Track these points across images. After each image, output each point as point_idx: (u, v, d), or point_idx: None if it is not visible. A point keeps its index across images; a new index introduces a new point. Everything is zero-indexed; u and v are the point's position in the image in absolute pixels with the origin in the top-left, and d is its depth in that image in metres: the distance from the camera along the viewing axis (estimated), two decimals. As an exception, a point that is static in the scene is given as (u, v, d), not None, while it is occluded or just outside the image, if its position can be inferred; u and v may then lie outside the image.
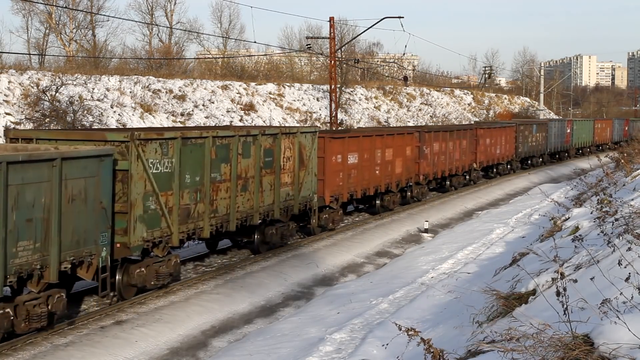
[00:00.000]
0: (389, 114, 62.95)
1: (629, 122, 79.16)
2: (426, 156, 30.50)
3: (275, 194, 19.07)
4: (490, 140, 39.63)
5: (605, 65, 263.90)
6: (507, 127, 43.42)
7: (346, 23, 78.38)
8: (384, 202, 27.59)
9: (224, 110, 44.70)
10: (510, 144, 43.74)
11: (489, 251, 19.24)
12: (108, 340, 12.91)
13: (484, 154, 38.63)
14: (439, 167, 32.23)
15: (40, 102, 32.44)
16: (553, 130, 53.49)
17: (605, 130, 69.24)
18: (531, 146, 48.43)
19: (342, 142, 23.68)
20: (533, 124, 49.57)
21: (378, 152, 26.09)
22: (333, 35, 38.88)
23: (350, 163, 24.17)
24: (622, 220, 9.46)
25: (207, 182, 16.07)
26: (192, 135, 15.76)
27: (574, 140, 59.47)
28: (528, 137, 47.40)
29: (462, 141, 35.30)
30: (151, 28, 69.77)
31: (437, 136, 31.99)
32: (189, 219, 15.57)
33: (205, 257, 19.53)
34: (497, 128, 41.28)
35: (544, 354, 5.48)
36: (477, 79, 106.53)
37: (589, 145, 63.89)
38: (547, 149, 52.53)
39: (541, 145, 50.80)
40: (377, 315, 13.76)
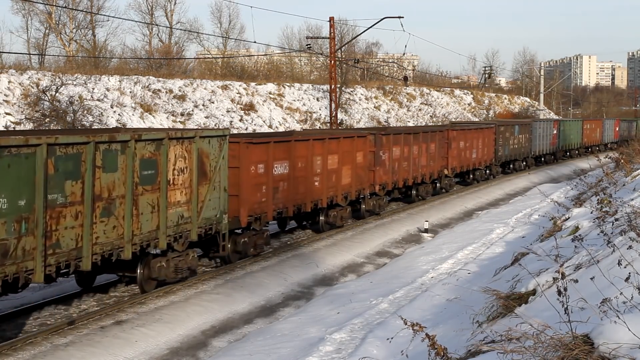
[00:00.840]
0: (389, 114, 62.96)
1: (620, 122, 75.55)
2: (384, 163, 26.60)
3: (161, 218, 14.84)
4: (465, 144, 35.46)
5: (605, 65, 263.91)
6: (485, 128, 39.19)
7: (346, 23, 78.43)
8: (330, 217, 23.29)
9: (224, 110, 44.71)
10: (488, 147, 39.48)
11: (489, 251, 19.24)
12: (108, 340, 12.91)
13: (457, 159, 34.45)
14: (400, 174, 28.17)
15: (40, 102, 32.45)
16: (538, 131, 49.37)
17: (595, 131, 65.39)
18: (513, 149, 44.34)
19: (265, 148, 19.15)
20: (515, 124, 45.23)
21: (318, 160, 21.68)
22: (333, 35, 38.88)
23: (278, 174, 19.71)
24: (622, 220, 9.47)
25: (39, 207, 11.76)
26: (12, 143, 11.46)
27: (561, 142, 55.63)
28: (509, 139, 43.32)
29: (430, 145, 31.08)
30: (151, 28, 69.80)
31: (398, 139, 27.92)
32: (6, 259, 11.31)
33: (205, 257, 19.53)
34: (473, 130, 37.10)
35: (544, 354, 5.48)
36: (477, 79, 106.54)
37: (578, 147, 60.50)
38: (532, 152, 48.42)
39: (525, 147, 46.75)
40: (377, 315, 13.76)
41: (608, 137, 69.03)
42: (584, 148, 62.17)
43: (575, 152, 60.15)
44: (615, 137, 70.86)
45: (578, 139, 59.79)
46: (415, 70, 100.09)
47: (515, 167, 45.89)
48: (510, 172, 44.96)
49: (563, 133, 55.52)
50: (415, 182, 30.06)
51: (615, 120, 73.95)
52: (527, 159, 47.99)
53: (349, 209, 24.35)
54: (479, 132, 37.88)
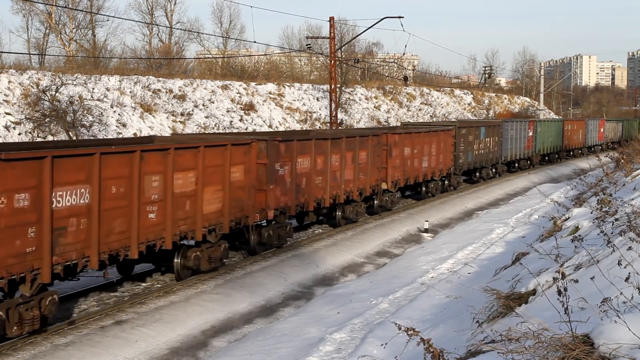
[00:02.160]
0: (389, 113, 62.97)
1: (605, 122, 70.07)
2: (281, 179, 19.74)
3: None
4: (412, 150, 28.91)
5: (605, 65, 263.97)
6: (439, 131, 32.24)
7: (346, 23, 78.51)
8: (188, 262, 16.84)
9: (224, 110, 44.71)
10: (446, 154, 32.87)
11: (489, 251, 19.24)
12: (108, 340, 12.91)
13: (400, 169, 27.81)
14: (311, 193, 21.39)
15: (40, 102, 32.44)
16: (509, 133, 43.16)
17: (577, 133, 59.83)
18: (478, 155, 37.85)
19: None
20: (481, 126, 38.74)
21: (154, 181, 14.73)
22: (333, 35, 38.88)
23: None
24: (622, 220, 9.47)
25: None
26: None
27: (538, 146, 49.49)
28: (473, 143, 36.98)
29: (359, 153, 24.28)
30: (151, 28, 69.80)
31: (306, 147, 20.85)
32: None
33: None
34: (423, 133, 30.33)
35: (544, 354, 5.48)
36: (477, 78, 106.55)
37: (557, 151, 54.78)
38: (502, 157, 42.30)
39: (494, 153, 40.42)
40: (377, 315, 13.76)
41: (592, 139, 64.41)
42: (565, 151, 56.93)
43: (554, 157, 54.81)
44: (600, 139, 66.75)
45: (558, 141, 54.32)
46: (415, 70, 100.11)
47: (482, 175, 39.69)
48: (477, 180, 39.37)
49: (540, 135, 49.77)
50: (338, 201, 23.34)
51: (600, 121, 68.88)
52: (497, 166, 41.76)
53: (223, 248, 17.92)
54: (430, 135, 30.95)
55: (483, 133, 38.53)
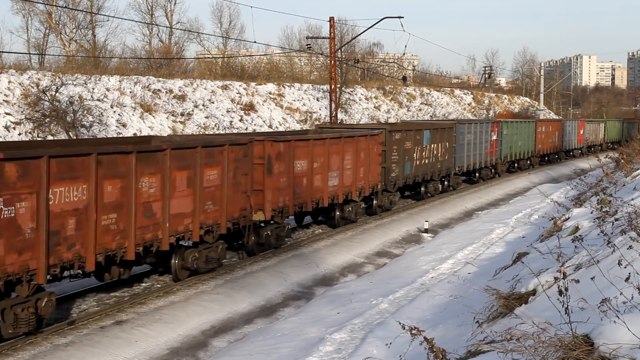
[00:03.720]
0: (389, 114, 62.99)
1: (585, 124, 63.03)
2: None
3: None
4: (311, 164, 21.03)
5: (605, 65, 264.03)
6: (359, 137, 24.39)
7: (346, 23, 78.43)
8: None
9: (224, 110, 44.71)
10: (368, 167, 24.93)
11: (489, 251, 19.24)
12: (108, 340, 12.91)
13: (287, 191, 19.87)
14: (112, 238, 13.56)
15: (40, 102, 32.46)
16: (466, 137, 35.58)
17: (552, 135, 52.92)
18: (422, 165, 30.29)
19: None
20: (423, 129, 30.80)
21: None
22: (333, 35, 38.89)
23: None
24: (622, 220, 9.47)
25: None
26: None
27: (504, 151, 42.28)
28: (413, 151, 29.19)
29: (207, 172, 16.38)
30: (151, 28, 69.81)
31: (114, 163, 13.41)
32: None
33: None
34: (329, 140, 22.21)
35: (544, 354, 5.48)
36: (477, 79, 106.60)
37: (529, 156, 47.96)
38: (457, 167, 34.77)
39: (443, 162, 32.78)
40: (377, 315, 13.76)
41: (570, 142, 57.77)
42: (538, 157, 50.08)
43: (525, 163, 47.83)
44: (579, 142, 60.52)
45: (529, 145, 47.38)
46: (415, 70, 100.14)
47: (428, 189, 31.82)
48: (422, 196, 31.62)
49: (507, 138, 42.50)
50: (157, 248, 14.97)
51: (580, 122, 61.83)
52: (449, 177, 34.35)
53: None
54: (343, 143, 22.94)
55: (427, 138, 30.60)
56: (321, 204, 22.03)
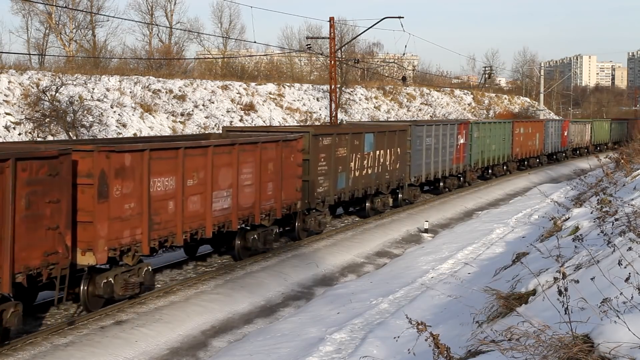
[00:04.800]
0: (389, 114, 62.99)
1: (570, 124, 58.32)
2: None
3: None
4: (183, 182, 15.55)
5: (605, 65, 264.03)
6: (265, 143, 18.80)
7: (346, 23, 78.53)
8: None
9: (224, 111, 44.72)
10: (282, 181, 19.53)
11: (489, 251, 19.24)
12: (108, 340, 12.91)
13: (140, 221, 14.42)
14: None
15: (40, 102, 32.45)
16: (425, 142, 30.34)
17: (533, 138, 48.05)
18: (363, 177, 24.82)
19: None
20: (364, 132, 25.08)
21: None
22: (333, 35, 38.88)
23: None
24: (622, 220, 9.47)
25: None
26: None
27: (474, 157, 37.01)
28: (349, 159, 23.60)
29: None
30: (151, 28, 69.80)
31: None
32: None
33: (206, 257, 19.53)
34: (212, 148, 16.58)
35: (544, 353, 5.48)
36: (477, 79, 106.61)
37: (505, 162, 42.78)
38: (412, 177, 29.23)
39: (394, 171, 27.36)
40: (377, 315, 13.76)
41: (552, 144, 52.87)
42: (515, 161, 45.18)
43: (501, 169, 42.54)
44: (563, 144, 55.97)
45: (505, 149, 42.26)
46: (416, 70, 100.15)
47: (374, 205, 26.50)
48: (368, 213, 26.47)
49: (478, 142, 37.44)
50: None
51: (564, 122, 57.23)
52: (402, 191, 29.00)
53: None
54: (236, 153, 17.35)
55: (370, 143, 25.16)
56: (202, 234, 16.30)
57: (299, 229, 21.69)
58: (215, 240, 18.58)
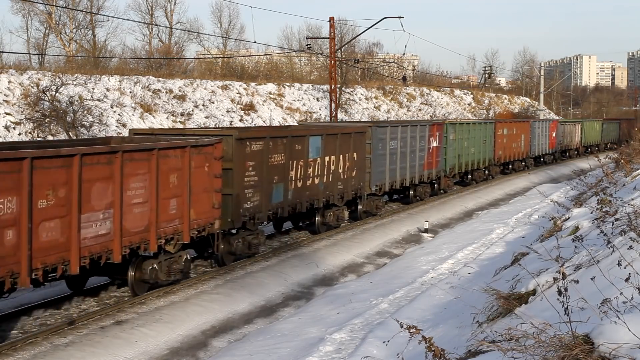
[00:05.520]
0: (389, 114, 62.99)
1: (558, 125, 55.18)
2: None
3: None
4: (26, 202, 11.57)
5: (605, 65, 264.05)
6: (165, 150, 15.11)
7: (346, 23, 78.49)
8: None
9: (224, 111, 44.72)
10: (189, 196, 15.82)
11: (489, 251, 19.24)
12: (108, 340, 12.91)
13: None
14: None
15: (40, 102, 32.45)
16: (389, 146, 26.75)
17: (518, 139, 44.79)
18: (305, 188, 21.12)
19: None
20: (309, 135, 21.46)
21: None
22: (333, 35, 38.89)
23: None
24: (622, 220, 9.47)
25: None
26: None
27: (450, 161, 33.50)
28: (288, 167, 20.02)
29: None
30: (151, 28, 69.81)
31: None
32: None
33: (206, 257, 19.52)
34: (94, 157, 13.18)
35: (544, 353, 5.48)
36: (477, 79, 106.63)
37: (487, 166, 39.30)
38: (374, 186, 25.66)
39: (349, 180, 23.67)
40: (377, 315, 13.76)
41: (540, 147, 49.88)
42: (498, 165, 41.96)
43: (482, 174, 39.08)
44: (551, 146, 52.68)
45: (486, 152, 38.89)
46: (415, 70, 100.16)
47: (326, 219, 23.05)
48: (318, 229, 22.93)
49: (455, 145, 34.02)
50: None
51: (552, 123, 53.88)
52: (360, 201, 25.23)
53: None
54: (117, 163, 13.69)
55: (316, 148, 21.49)
56: (66, 270, 12.63)
57: (222, 252, 17.84)
58: (107, 271, 15.21)
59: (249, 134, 19.05)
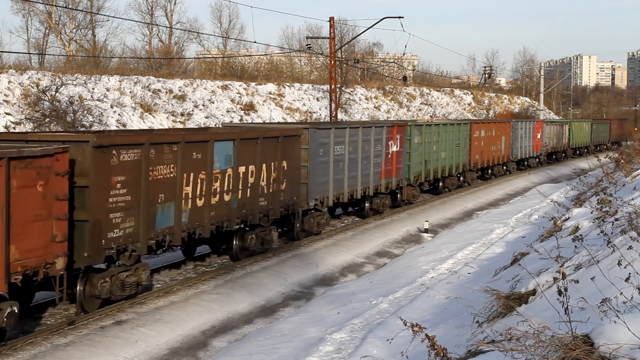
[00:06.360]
0: (389, 114, 63.00)
1: (544, 125, 51.38)
2: None
3: None
4: None
5: (605, 65, 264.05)
6: None
7: (346, 23, 78.54)
8: None
9: (224, 110, 44.73)
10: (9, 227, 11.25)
11: (489, 251, 19.24)
12: (108, 340, 12.91)
13: None
14: None
15: (40, 102, 32.47)
16: (333, 151, 22.57)
17: (498, 142, 40.96)
18: (210, 208, 16.51)
19: None
20: (212, 140, 16.52)
21: None
22: (333, 35, 38.88)
23: None
24: (622, 220, 9.47)
25: None
26: None
27: (415, 168, 29.59)
28: (180, 183, 15.41)
29: None
30: (151, 28, 69.81)
31: None
32: None
33: (205, 257, 19.53)
34: None
35: (544, 353, 5.48)
36: (476, 79, 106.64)
37: (460, 172, 35.71)
38: (311, 200, 21.49)
39: (277, 194, 19.41)
40: (377, 315, 13.76)
41: (523, 149, 46.10)
42: (474, 171, 38.17)
43: (455, 181, 35.07)
44: (536, 148, 49.29)
45: (460, 157, 35.18)
46: (416, 70, 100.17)
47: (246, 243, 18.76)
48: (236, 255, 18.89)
49: (420, 149, 30.09)
50: None
51: (536, 123, 49.93)
52: (297, 218, 21.30)
53: None
54: None
55: (226, 156, 17.08)
56: None
57: (80, 296, 13.80)
58: None
59: (116, 139, 14.54)
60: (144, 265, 14.99)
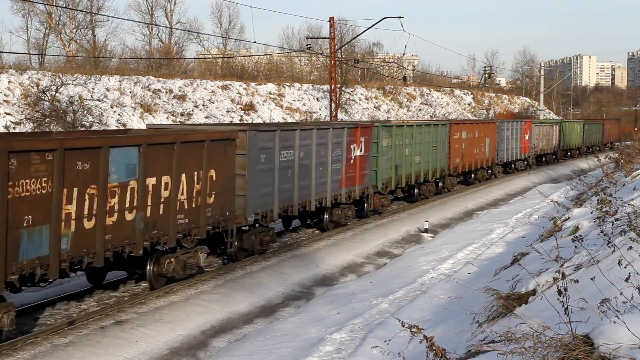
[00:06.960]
0: (389, 114, 63.00)
1: (532, 126, 48.12)
2: None
3: None
4: None
5: (605, 65, 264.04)
6: None
7: (346, 23, 78.56)
8: None
9: (224, 110, 44.73)
10: None
11: (489, 251, 19.24)
12: (108, 340, 12.91)
13: None
14: None
15: (40, 102, 32.47)
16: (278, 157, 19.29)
17: (481, 144, 37.89)
18: (92, 233, 12.98)
19: None
20: (105, 146, 13.16)
21: None
22: (333, 35, 38.88)
23: None
24: (622, 220, 9.47)
25: None
26: None
27: (384, 174, 26.64)
28: (38, 202, 11.71)
29: None
30: (151, 28, 69.80)
31: None
32: None
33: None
34: None
35: (544, 354, 5.48)
36: (476, 79, 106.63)
37: (438, 177, 32.51)
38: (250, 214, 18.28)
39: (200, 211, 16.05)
40: (377, 315, 13.76)
41: (509, 152, 43.00)
42: (454, 176, 34.82)
43: (431, 187, 31.84)
44: (524, 150, 46.14)
45: (438, 161, 32.08)
46: (415, 70, 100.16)
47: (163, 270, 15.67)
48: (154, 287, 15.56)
49: (390, 153, 27.17)
50: None
51: (524, 124, 46.62)
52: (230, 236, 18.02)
53: None
54: None
55: (128, 165, 13.96)
56: None
57: None
58: None
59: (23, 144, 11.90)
60: (7, 306, 11.80)
